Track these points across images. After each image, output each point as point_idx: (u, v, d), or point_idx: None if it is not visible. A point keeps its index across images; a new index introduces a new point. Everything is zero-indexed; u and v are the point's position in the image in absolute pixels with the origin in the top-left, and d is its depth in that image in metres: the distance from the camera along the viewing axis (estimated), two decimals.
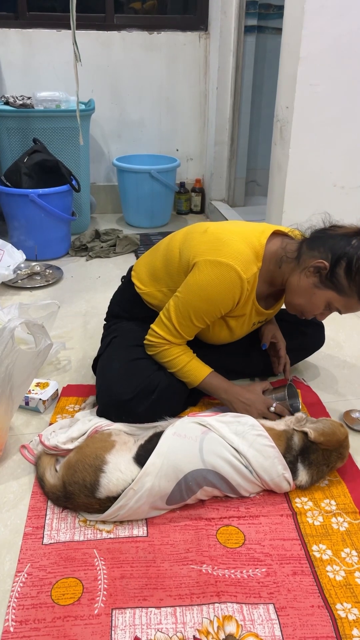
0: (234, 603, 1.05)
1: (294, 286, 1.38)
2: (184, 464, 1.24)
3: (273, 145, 2.37)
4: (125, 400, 1.42)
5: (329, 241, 1.33)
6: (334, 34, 2.04)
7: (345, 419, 1.59)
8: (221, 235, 1.39)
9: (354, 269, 1.28)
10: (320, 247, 1.33)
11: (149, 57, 3.27)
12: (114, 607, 1.05)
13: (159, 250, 1.56)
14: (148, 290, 1.55)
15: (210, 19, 3.26)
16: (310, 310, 1.41)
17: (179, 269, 1.45)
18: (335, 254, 1.30)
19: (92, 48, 3.15)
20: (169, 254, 1.49)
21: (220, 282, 1.34)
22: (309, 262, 1.34)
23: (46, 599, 1.06)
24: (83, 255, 2.88)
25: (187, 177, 3.62)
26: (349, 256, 1.29)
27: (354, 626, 1.02)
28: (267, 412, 1.47)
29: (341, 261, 1.29)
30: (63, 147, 2.90)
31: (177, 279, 1.47)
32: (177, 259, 1.46)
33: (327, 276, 1.32)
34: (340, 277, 1.30)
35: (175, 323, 1.42)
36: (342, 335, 2.09)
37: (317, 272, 1.33)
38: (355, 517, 1.27)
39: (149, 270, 1.56)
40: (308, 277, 1.35)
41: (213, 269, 1.34)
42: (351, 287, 1.31)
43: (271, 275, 1.42)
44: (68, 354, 1.92)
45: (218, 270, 1.34)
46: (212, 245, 1.37)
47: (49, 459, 1.35)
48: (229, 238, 1.37)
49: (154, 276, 1.54)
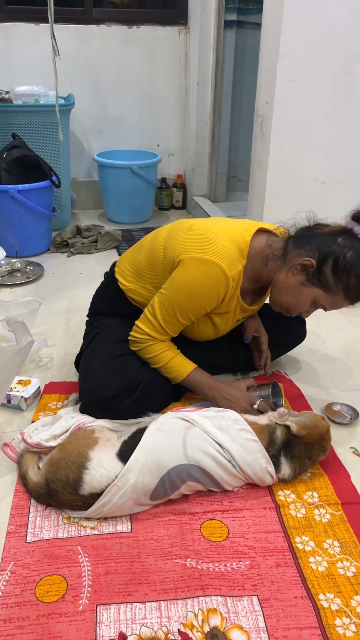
0: (218, 596, 1.06)
1: (281, 284, 1.39)
2: (168, 460, 1.24)
3: (254, 140, 2.37)
4: (108, 397, 1.41)
5: (315, 239, 1.34)
6: (313, 29, 2.05)
7: (326, 412, 1.61)
8: (206, 232, 1.39)
9: (340, 267, 1.30)
10: (306, 245, 1.35)
11: (128, 52, 3.25)
12: (98, 603, 1.05)
13: (142, 247, 1.55)
14: (132, 287, 1.55)
15: (189, 14, 3.25)
16: (296, 307, 1.42)
17: (164, 266, 1.45)
18: (322, 252, 1.32)
19: (71, 42, 3.12)
20: (153, 251, 1.49)
21: (205, 280, 1.34)
22: (296, 260, 1.35)
23: (30, 597, 1.06)
24: (64, 251, 2.86)
25: (168, 172, 3.61)
26: (336, 254, 1.30)
27: (336, 616, 1.04)
28: (251, 409, 1.47)
29: (328, 259, 1.31)
30: (43, 143, 2.87)
31: (161, 276, 1.46)
32: (161, 256, 1.46)
33: (314, 274, 1.33)
34: (327, 275, 1.32)
35: (160, 320, 1.42)
36: (323, 330, 2.11)
37: (304, 270, 1.34)
38: (337, 508, 1.28)
39: (133, 267, 1.55)
40: (295, 275, 1.36)
41: (198, 266, 1.34)
42: (337, 284, 1.32)
43: (256, 273, 1.43)
44: (50, 351, 1.91)
45: (203, 268, 1.34)
46: (197, 242, 1.37)
47: (31, 456, 1.35)
48: (214, 235, 1.37)
49: (138, 273, 1.54)
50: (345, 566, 1.14)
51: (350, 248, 1.30)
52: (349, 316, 2.22)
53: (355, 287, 1.32)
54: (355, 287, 1.32)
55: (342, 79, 2.16)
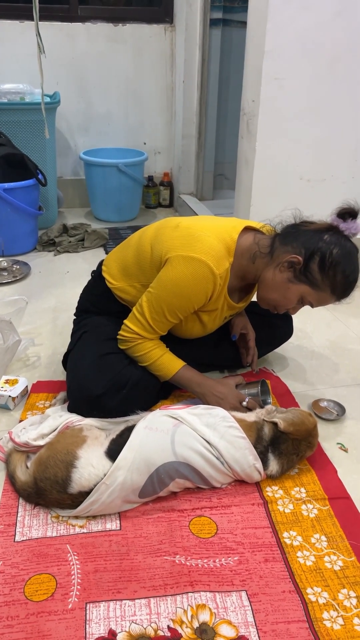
0: (207, 592, 1.07)
1: (268, 281, 1.40)
2: (156, 457, 1.24)
3: (240, 138, 2.38)
4: (96, 395, 1.41)
5: (301, 237, 1.35)
6: (298, 28, 2.06)
7: (313, 408, 1.62)
8: (193, 230, 1.39)
9: (327, 263, 1.31)
10: (293, 243, 1.36)
11: (114, 50, 3.24)
12: (88, 601, 1.05)
13: (130, 246, 1.55)
14: (120, 285, 1.55)
15: (175, 12, 3.25)
16: (284, 304, 1.43)
17: (152, 265, 1.45)
18: (308, 249, 1.33)
19: (57, 40, 3.10)
20: (140, 249, 1.49)
21: (192, 278, 1.35)
22: (283, 257, 1.36)
23: (19, 596, 1.05)
24: (51, 250, 2.84)
25: (155, 170, 3.60)
26: (322, 251, 1.31)
27: (324, 609, 1.05)
28: (239, 406, 1.48)
29: (315, 256, 1.32)
30: (28, 141, 2.85)
31: (149, 274, 1.47)
32: (149, 255, 1.46)
33: (301, 271, 1.34)
34: (314, 272, 1.33)
35: (148, 319, 1.42)
36: (309, 327, 2.12)
37: (291, 267, 1.36)
38: (325, 503, 1.29)
39: (120, 266, 1.55)
40: (282, 272, 1.37)
41: (186, 264, 1.35)
42: (324, 281, 1.34)
43: (243, 270, 1.44)
44: (37, 350, 1.90)
45: (190, 266, 1.34)
46: (184, 240, 1.38)
47: (19, 456, 1.34)
48: (201, 233, 1.38)
49: (126, 271, 1.54)
50: (332, 560, 1.15)
51: (337, 245, 1.32)
52: (335, 313, 2.23)
53: (341, 284, 1.34)
54: (342, 284, 1.34)
55: (327, 77, 2.18)
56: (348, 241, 1.35)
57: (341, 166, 2.33)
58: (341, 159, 2.31)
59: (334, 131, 2.26)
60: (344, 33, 2.11)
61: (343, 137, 2.30)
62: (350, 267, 1.34)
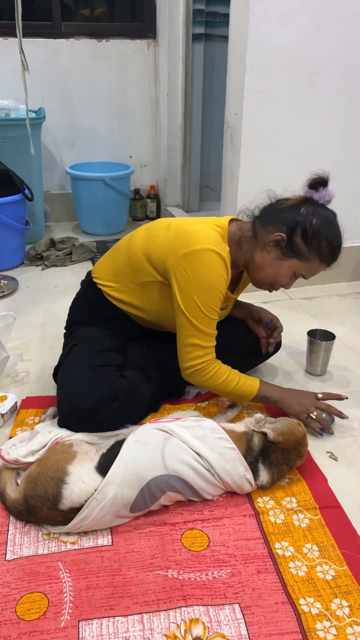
0: (200, 605, 1.07)
1: (259, 263, 1.44)
2: (147, 471, 1.24)
3: (224, 151, 2.40)
4: (86, 409, 1.41)
5: (279, 214, 1.41)
6: (278, 43, 2.09)
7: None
8: (186, 226, 1.43)
9: (309, 234, 1.37)
10: (273, 222, 1.41)
11: (98, 65, 3.27)
12: (80, 619, 1.04)
13: (119, 251, 1.57)
14: (113, 285, 1.56)
15: (158, 27, 3.29)
16: (278, 281, 1.47)
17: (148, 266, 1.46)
18: (289, 225, 1.38)
19: (41, 56, 3.13)
20: (131, 252, 1.51)
21: (208, 268, 1.37)
22: (267, 237, 1.41)
23: (11, 616, 1.05)
24: (39, 264, 2.85)
25: (141, 183, 3.63)
26: (302, 224, 1.37)
27: (317, 620, 1.05)
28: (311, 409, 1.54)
29: (296, 230, 1.37)
30: (14, 156, 2.86)
31: (143, 273, 1.48)
32: (143, 259, 1.47)
33: (287, 247, 1.39)
34: (299, 245, 1.38)
35: (198, 325, 1.40)
36: (298, 336, 2.13)
37: (277, 245, 1.40)
38: (315, 512, 1.30)
39: (112, 270, 1.57)
40: (270, 252, 1.42)
41: (196, 262, 1.36)
42: (311, 251, 1.39)
43: (234, 257, 1.46)
44: (26, 366, 1.90)
45: (200, 257, 1.36)
46: (182, 238, 1.40)
47: (9, 473, 1.34)
48: (194, 227, 1.42)
49: (118, 273, 1.55)
50: (324, 570, 1.15)
51: (314, 214, 1.38)
52: (322, 321, 2.26)
53: (327, 250, 1.40)
54: (328, 250, 1.40)
55: (308, 90, 2.21)
56: (325, 209, 1.41)
57: None
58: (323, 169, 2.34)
59: (315, 143, 2.30)
60: (323, 47, 2.15)
61: (325, 149, 2.34)
62: (332, 232, 1.39)
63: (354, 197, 2.48)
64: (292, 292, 2.55)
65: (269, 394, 1.53)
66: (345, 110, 2.30)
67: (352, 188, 2.45)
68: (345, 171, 2.41)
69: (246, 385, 1.50)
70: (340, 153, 2.38)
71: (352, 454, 1.51)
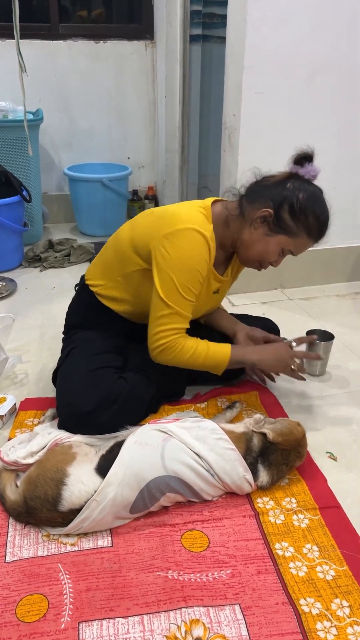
0: (201, 606, 1.06)
1: (247, 241, 1.44)
2: (146, 472, 1.24)
3: (222, 152, 2.40)
4: (86, 411, 1.41)
5: (266, 191, 1.41)
6: (276, 43, 2.09)
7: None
8: (168, 210, 1.44)
9: (296, 209, 1.37)
10: (259, 199, 1.40)
11: (96, 66, 3.27)
12: (80, 620, 1.04)
13: (107, 248, 1.59)
14: (104, 284, 1.56)
15: (155, 28, 3.29)
16: (267, 258, 1.46)
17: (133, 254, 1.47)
18: (276, 200, 1.38)
19: (38, 57, 3.13)
20: (118, 245, 1.52)
21: (189, 247, 1.36)
22: (254, 214, 1.40)
23: (11, 618, 1.04)
24: (37, 266, 2.84)
25: (139, 184, 3.63)
26: (289, 199, 1.37)
27: (317, 620, 1.05)
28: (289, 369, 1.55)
29: (284, 205, 1.37)
30: (12, 158, 2.86)
31: (129, 263, 1.48)
32: (128, 245, 1.48)
33: (274, 222, 1.39)
34: (287, 220, 1.38)
35: (171, 304, 1.38)
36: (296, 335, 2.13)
37: (264, 222, 1.40)
38: (315, 513, 1.30)
39: (102, 268, 1.58)
40: (257, 229, 1.41)
41: (177, 240, 1.36)
42: (298, 226, 1.39)
43: (220, 237, 1.46)
44: (25, 368, 1.89)
45: (182, 238, 1.36)
46: (164, 221, 1.40)
47: (9, 474, 1.33)
48: (175, 209, 1.43)
49: (107, 270, 1.56)
50: (324, 570, 1.15)
51: (300, 189, 1.38)
52: (321, 321, 2.26)
53: (315, 225, 1.39)
54: (315, 225, 1.39)
55: (306, 91, 2.21)
56: (311, 185, 1.41)
57: (322, 177, 2.35)
58: (322, 171, 2.34)
59: (314, 143, 2.28)
60: (321, 48, 2.15)
61: (323, 149, 2.31)
62: (319, 207, 1.39)
63: (353, 197, 2.48)
64: (291, 292, 2.55)
65: (244, 357, 1.51)
66: (344, 111, 2.30)
67: (350, 188, 2.46)
68: (344, 172, 2.42)
69: (217, 353, 1.47)
70: (339, 153, 2.38)
71: (351, 454, 1.51)
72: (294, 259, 1.57)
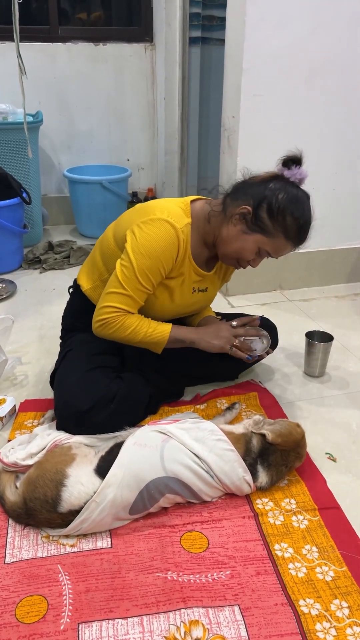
0: (200, 607, 1.07)
1: (225, 237, 1.44)
2: (146, 473, 1.24)
3: (222, 154, 2.41)
4: (84, 410, 1.41)
5: (249, 189, 1.41)
6: (274, 45, 2.10)
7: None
8: (148, 203, 1.47)
9: (274, 209, 1.36)
10: (242, 196, 1.41)
11: (95, 69, 3.28)
12: (80, 622, 1.04)
13: (95, 249, 1.61)
14: (92, 285, 1.58)
15: (155, 31, 3.30)
16: (243, 256, 1.46)
17: (116, 247, 1.48)
18: (256, 199, 1.38)
19: (38, 60, 3.13)
20: (103, 243, 1.55)
21: (157, 236, 1.38)
22: (234, 210, 1.41)
23: (10, 619, 1.04)
24: (37, 267, 2.85)
25: (139, 186, 3.63)
26: (269, 198, 1.37)
27: (316, 621, 1.05)
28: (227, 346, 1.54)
29: (262, 204, 1.37)
30: (12, 160, 2.87)
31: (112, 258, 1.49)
32: (112, 241, 1.50)
33: (252, 220, 1.39)
34: (264, 219, 1.38)
35: (126, 287, 1.40)
36: (296, 337, 2.14)
37: (242, 219, 1.41)
38: (315, 514, 1.30)
39: (90, 269, 1.60)
40: (236, 225, 1.42)
41: (147, 227, 1.38)
42: (275, 227, 1.38)
43: (202, 233, 1.48)
44: (25, 369, 1.90)
45: (153, 226, 1.38)
46: (140, 212, 1.43)
47: (8, 476, 1.33)
48: (154, 203, 1.45)
49: (94, 268, 1.58)
50: (323, 571, 1.16)
51: (282, 190, 1.37)
52: (320, 323, 2.26)
53: (293, 227, 1.39)
54: (293, 227, 1.39)
55: (304, 92, 2.22)
56: (295, 187, 1.40)
57: (321, 179, 2.36)
58: (321, 172, 2.34)
59: (312, 145, 2.30)
60: (320, 50, 2.16)
61: (322, 151, 2.35)
62: (299, 210, 1.38)
63: (351, 199, 2.49)
64: (290, 293, 2.55)
65: (183, 336, 1.51)
66: (342, 113, 2.31)
67: (349, 190, 2.46)
68: (343, 173, 2.42)
69: (157, 331, 1.47)
70: (338, 155, 2.39)
71: (350, 455, 1.52)
72: (293, 260, 1.58)
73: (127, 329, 1.43)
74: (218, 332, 1.56)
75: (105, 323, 1.43)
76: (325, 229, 2.37)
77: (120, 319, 1.42)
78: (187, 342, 1.52)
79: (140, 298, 1.43)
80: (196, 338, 1.52)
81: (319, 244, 2.46)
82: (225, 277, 1.69)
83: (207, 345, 1.53)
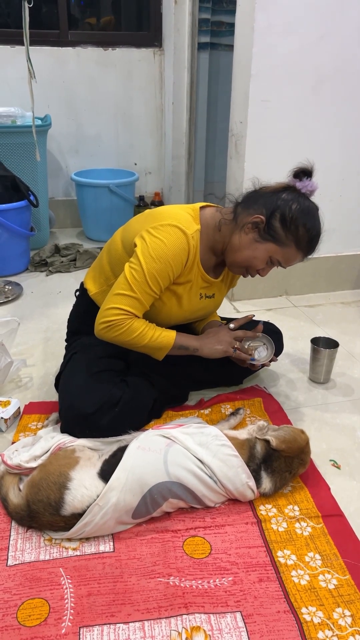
0: (202, 613, 1.06)
1: (235, 245, 1.45)
2: (149, 477, 1.24)
3: (229, 159, 2.41)
4: (88, 413, 1.42)
5: (261, 199, 1.42)
6: (283, 52, 2.11)
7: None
8: (157, 209, 1.47)
9: (288, 219, 1.37)
10: (254, 205, 1.42)
11: (104, 73, 3.29)
12: (81, 626, 1.04)
13: (102, 253, 1.61)
14: (100, 287, 1.58)
15: (164, 36, 3.31)
16: (254, 265, 1.46)
17: (123, 253, 1.49)
18: (269, 208, 1.39)
19: (47, 64, 3.15)
20: (111, 248, 1.54)
21: (168, 241, 1.38)
22: (246, 219, 1.41)
23: (12, 622, 1.04)
24: (43, 270, 2.86)
25: (146, 190, 3.64)
26: (282, 208, 1.38)
27: (319, 629, 1.04)
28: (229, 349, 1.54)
29: (275, 213, 1.38)
30: (20, 163, 2.88)
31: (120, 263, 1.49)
32: (120, 247, 1.50)
33: (264, 229, 1.40)
34: (277, 229, 1.39)
35: (135, 288, 1.39)
36: (301, 343, 2.13)
37: (255, 227, 1.41)
38: (318, 521, 1.29)
39: (97, 273, 1.61)
40: (247, 234, 1.42)
41: (157, 232, 1.38)
42: (288, 236, 1.39)
43: (211, 240, 1.48)
44: (29, 371, 1.90)
45: (163, 231, 1.38)
46: (150, 218, 1.44)
47: (12, 478, 1.34)
48: (163, 209, 1.46)
49: (102, 273, 1.58)
50: (326, 579, 1.15)
51: (294, 201, 1.39)
52: (325, 328, 2.25)
53: (304, 237, 1.40)
54: (305, 237, 1.40)
55: (312, 99, 2.22)
56: (306, 199, 1.42)
57: (329, 185, 2.36)
58: (328, 178, 2.34)
59: (320, 151, 2.30)
60: (328, 56, 2.16)
61: (330, 157, 2.34)
62: (311, 221, 1.40)
63: (358, 206, 2.48)
64: (296, 299, 2.55)
65: (187, 343, 1.51)
66: (350, 119, 2.31)
67: (356, 196, 2.46)
68: (350, 180, 2.42)
69: (162, 337, 1.46)
70: (345, 162, 2.38)
71: (355, 462, 1.51)
72: (299, 266, 1.58)
73: (133, 333, 1.42)
74: (219, 336, 1.56)
75: (111, 325, 1.41)
76: (331, 235, 2.37)
77: (127, 322, 1.41)
78: (190, 349, 1.52)
79: (147, 302, 1.43)
80: (199, 345, 1.53)
81: (326, 250, 2.44)
82: (232, 283, 1.69)
83: (210, 351, 1.53)
